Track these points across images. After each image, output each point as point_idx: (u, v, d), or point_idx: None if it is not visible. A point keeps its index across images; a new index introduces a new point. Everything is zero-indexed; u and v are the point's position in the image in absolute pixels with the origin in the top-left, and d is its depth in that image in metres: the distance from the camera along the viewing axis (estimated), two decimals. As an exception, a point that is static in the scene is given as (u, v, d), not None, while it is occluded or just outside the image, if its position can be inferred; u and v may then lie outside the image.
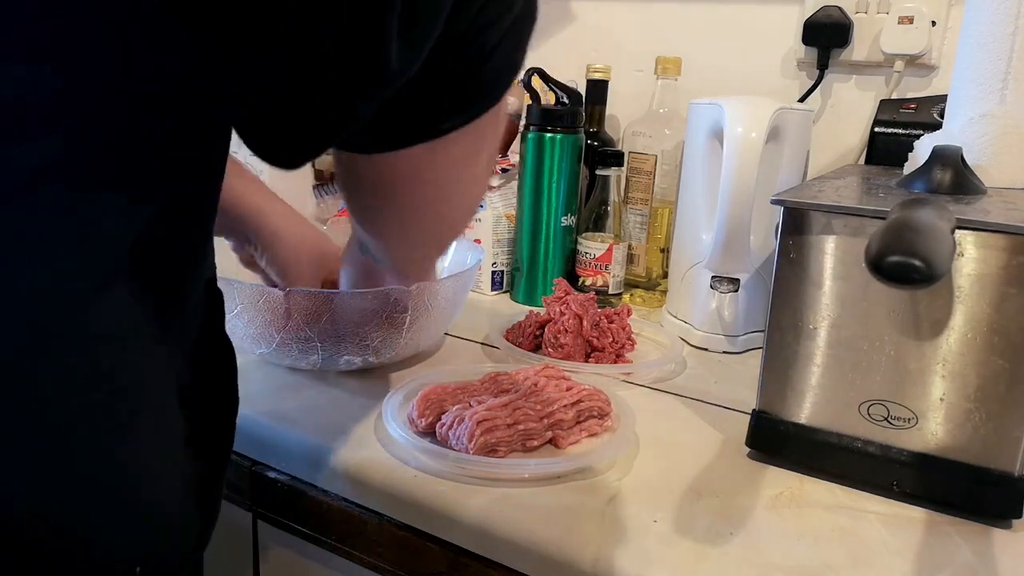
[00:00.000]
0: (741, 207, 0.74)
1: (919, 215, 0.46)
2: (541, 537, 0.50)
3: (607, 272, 0.93)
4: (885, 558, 0.49)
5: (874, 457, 0.55)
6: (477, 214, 0.97)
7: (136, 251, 0.34)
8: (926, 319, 0.52)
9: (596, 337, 0.77)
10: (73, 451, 0.33)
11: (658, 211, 0.99)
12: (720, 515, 0.52)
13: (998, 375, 0.51)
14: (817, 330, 0.56)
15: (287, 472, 0.62)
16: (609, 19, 1.14)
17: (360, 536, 0.58)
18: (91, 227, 0.33)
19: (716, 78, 1.04)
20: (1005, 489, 0.52)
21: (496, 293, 1.00)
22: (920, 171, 0.61)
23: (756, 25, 1.03)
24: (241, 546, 0.68)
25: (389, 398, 0.63)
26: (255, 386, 0.69)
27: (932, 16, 0.90)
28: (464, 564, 0.53)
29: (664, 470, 0.58)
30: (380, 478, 0.56)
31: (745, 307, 0.82)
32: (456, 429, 0.57)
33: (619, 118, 1.12)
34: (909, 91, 0.94)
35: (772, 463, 0.59)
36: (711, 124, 0.80)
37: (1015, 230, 0.49)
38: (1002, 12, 0.61)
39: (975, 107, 0.62)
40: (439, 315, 0.72)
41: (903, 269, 0.41)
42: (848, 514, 0.53)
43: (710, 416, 0.67)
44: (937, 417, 0.53)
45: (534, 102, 0.95)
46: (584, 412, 0.61)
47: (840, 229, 0.54)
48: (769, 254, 0.79)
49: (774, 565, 0.48)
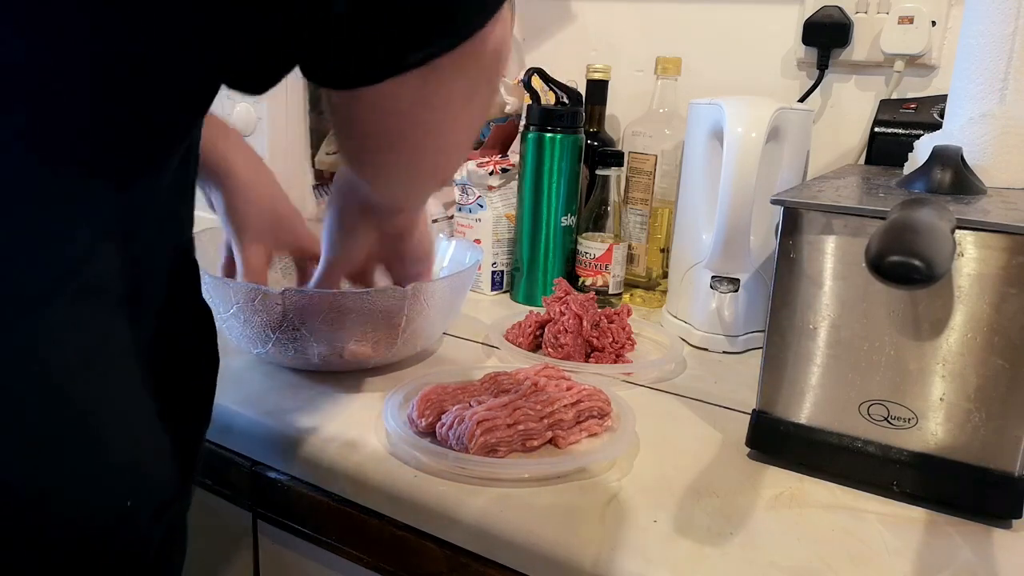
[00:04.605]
0: (741, 207, 0.74)
1: (919, 215, 0.46)
2: (541, 537, 0.50)
3: (607, 272, 0.93)
4: (885, 558, 0.49)
5: (874, 457, 0.55)
6: (477, 214, 0.98)
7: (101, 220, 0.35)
8: (926, 319, 0.52)
9: (596, 337, 0.77)
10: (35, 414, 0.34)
11: (658, 211, 0.99)
12: (720, 515, 0.52)
13: (998, 375, 0.51)
14: (817, 330, 0.56)
15: (287, 472, 0.62)
16: (609, 19, 1.14)
17: (360, 536, 0.58)
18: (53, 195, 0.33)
19: (716, 78, 1.04)
20: (1005, 489, 0.52)
21: (496, 293, 1.00)
22: (920, 171, 0.61)
23: (756, 25, 1.02)
24: (241, 546, 0.68)
25: (389, 398, 0.63)
26: (255, 386, 0.69)
27: (932, 16, 0.90)
28: (464, 564, 0.53)
29: (664, 470, 0.58)
30: (380, 478, 0.56)
31: (745, 307, 0.82)
32: (456, 429, 0.57)
33: (619, 118, 1.12)
34: (909, 91, 0.94)
35: (772, 463, 0.59)
36: (711, 124, 0.80)
37: (1015, 230, 0.49)
38: (1002, 12, 0.61)
39: (975, 107, 0.62)
40: (437, 315, 0.71)
41: (903, 269, 0.41)
42: (848, 514, 0.53)
43: (710, 416, 0.67)
44: (937, 417, 0.53)
45: (534, 102, 0.95)
46: (584, 412, 0.61)
47: (840, 229, 0.54)
48: (769, 254, 0.79)
49: (774, 565, 0.47)
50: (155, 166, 0.37)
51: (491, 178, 0.97)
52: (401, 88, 0.41)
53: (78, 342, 0.35)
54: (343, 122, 0.48)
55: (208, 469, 0.67)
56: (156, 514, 0.41)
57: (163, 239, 0.41)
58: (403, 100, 0.43)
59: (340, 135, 0.49)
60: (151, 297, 0.40)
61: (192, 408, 0.46)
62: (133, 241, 0.37)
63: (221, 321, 0.68)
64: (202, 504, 0.68)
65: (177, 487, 0.43)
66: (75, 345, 0.35)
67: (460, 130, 0.49)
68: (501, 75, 0.49)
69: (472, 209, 0.98)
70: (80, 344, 0.35)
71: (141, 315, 0.39)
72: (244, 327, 0.67)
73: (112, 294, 0.37)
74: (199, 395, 0.47)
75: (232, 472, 0.65)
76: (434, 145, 0.49)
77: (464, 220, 0.99)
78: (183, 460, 0.43)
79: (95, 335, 0.36)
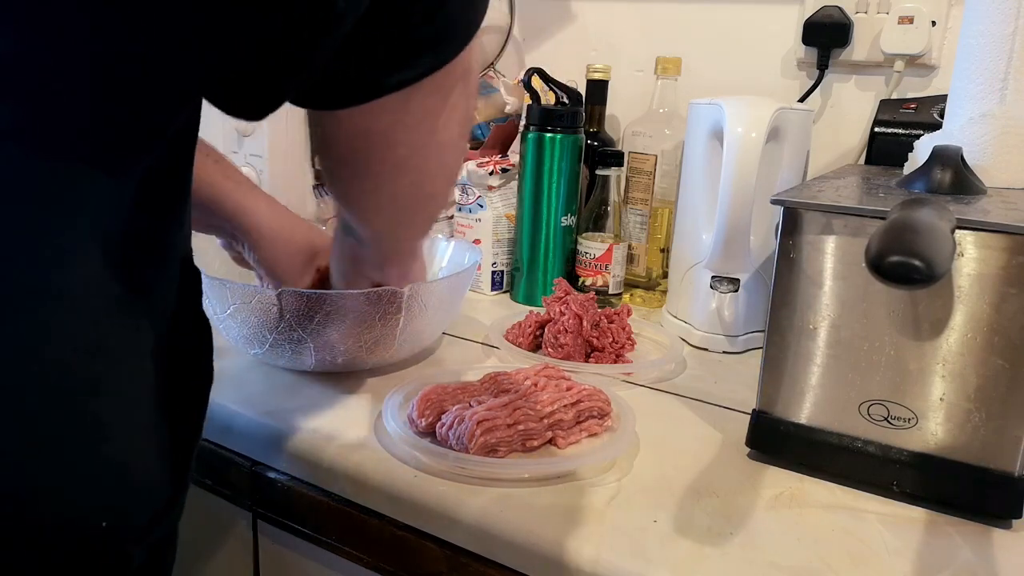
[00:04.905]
0: (741, 207, 0.74)
1: (919, 215, 0.46)
2: (541, 537, 0.50)
3: (607, 272, 0.93)
4: (885, 558, 0.49)
5: (874, 457, 0.55)
6: (477, 214, 0.98)
7: (98, 219, 0.35)
8: (926, 319, 0.52)
9: (596, 337, 0.77)
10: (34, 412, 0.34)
11: (658, 211, 0.99)
12: (720, 515, 0.52)
13: (998, 375, 0.51)
14: (817, 330, 0.56)
15: (287, 472, 0.62)
16: (609, 19, 1.14)
17: (360, 536, 0.58)
18: (49, 192, 0.33)
19: (716, 78, 1.04)
20: (1005, 489, 0.52)
21: (496, 293, 1.00)
22: (920, 171, 0.61)
23: (756, 25, 1.02)
24: (241, 546, 0.68)
25: (389, 398, 0.63)
26: (255, 386, 0.69)
27: (932, 16, 0.90)
28: (464, 564, 0.53)
29: (664, 470, 0.58)
30: (380, 478, 0.56)
31: (745, 307, 0.82)
32: (456, 429, 0.57)
33: (619, 118, 1.12)
34: (909, 91, 0.94)
35: (772, 463, 0.59)
36: (711, 124, 0.80)
37: (1015, 230, 0.49)
38: (1002, 12, 0.61)
39: (975, 107, 0.62)
40: (435, 316, 0.71)
41: (903, 269, 0.41)
42: (848, 514, 0.53)
43: (710, 416, 0.67)
44: (937, 417, 0.53)
45: (534, 102, 0.95)
46: (584, 412, 0.61)
47: (840, 229, 0.54)
48: (769, 254, 0.79)
49: (774, 565, 0.47)
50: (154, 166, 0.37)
51: (491, 178, 0.97)
52: (380, 109, 0.41)
53: (78, 342, 0.35)
54: (322, 142, 0.48)
55: (208, 469, 0.67)
56: (153, 517, 0.41)
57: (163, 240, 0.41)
58: (381, 121, 0.43)
59: (321, 155, 0.50)
60: (151, 299, 0.40)
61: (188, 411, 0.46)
62: (133, 241, 0.37)
63: (218, 322, 0.68)
64: (202, 504, 0.68)
65: (168, 498, 0.43)
66: (75, 345, 0.35)
67: (439, 152, 0.49)
68: (475, 91, 0.48)
69: (472, 209, 0.98)
70: (80, 344, 0.35)
71: (141, 316, 0.39)
72: (241, 328, 0.67)
73: (111, 294, 0.37)
74: (195, 399, 0.47)
75: (232, 472, 0.65)
76: (413, 166, 0.48)
77: (464, 220, 0.99)
78: (178, 464, 0.43)
79: (95, 335, 0.36)
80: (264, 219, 0.68)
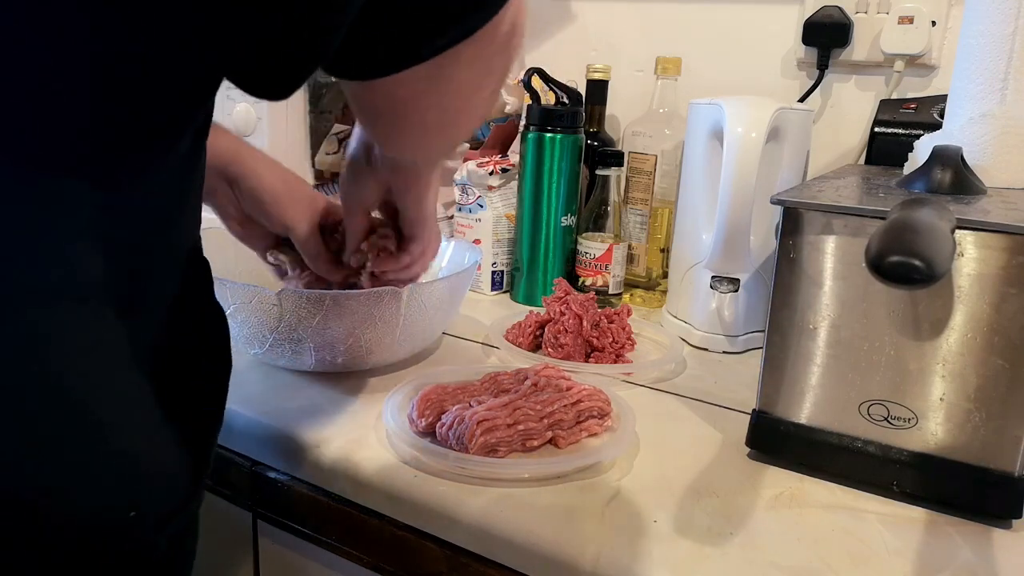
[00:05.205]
0: (741, 207, 0.74)
1: (919, 215, 0.46)
2: (541, 537, 0.50)
3: (607, 272, 0.93)
4: (885, 558, 0.49)
5: (874, 457, 0.55)
6: (477, 214, 0.98)
7: (98, 219, 0.35)
8: (926, 319, 0.52)
9: (596, 337, 0.77)
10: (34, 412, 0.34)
11: (658, 211, 0.99)
12: (720, 515, 0.52)
13: (998, 375, 0.51)
14: (817, 330, 0.56)
15: (287, 472, 0.62)
16: (609, 19, 1.14)
17: (360, 536, 0.59)
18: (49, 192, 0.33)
19: (716, 78, 1.04)
20: (1005, 489, 0.52)
21: (496, 293, 1.00)
22: (920, 171, 0.61)
23: (756, 25, 1.03)
24: (241, 546, 0.68)
25: (389, 398, 0.63)
26: (255, 386, 0.69)
27: (932, 16, 0.90)
28: (464, 564, 0.53)
29: (664, 470, 0.58)
30: (380, 478, 0.56)
31: (745, 307, 0.82)
32: (456, 429, 0.57)
33: (619, 118, 1.12)
34: (909, 91, 0.94)
35: (772, 463, 0.59)
36: (711, 124, 0.80)
37: (1015, 230, 0.49)
38: (1002, 12, 0.61)
39: (975, 107, 0.62)
40: (435, 316, 0.71)
41: (903, 269, 0.41)
42: (848, 514, 0.53)
43: (710, 416, 0.67)
44: (937, 417, 0.53)
45: (534, 102, 0.95)
46: (584, 412, 0.61)
47: (840, 229, 0.54)
48: (769, 254, 0.80)
49: (774, 565, 0.48)
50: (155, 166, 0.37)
51: (491, 178, 0.97)
52: (414, 75, 0.41)
53: (78, 341, 0.35)
54: (353, 101, 0.48)
55: (208, 469, 0.67)
56: (163, 515, 0.41)
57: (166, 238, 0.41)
58: (415, 86, 0.43)
59: (353, 108, 0.50)
60: (155, 296, 0.40)
61: (202, 408, 0.46)
62: (135, 240, 0.37)
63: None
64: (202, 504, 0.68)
65: (186, 488, 0.43)
66: (75, 344, 0.35)
67: (472, 107, 0.49)
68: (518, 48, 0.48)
69: (472, 209, 0.98)
70: (80, 343, 0.35)
71: (144, 314, 0.39)
72: (241, 327, 0.67)
73: (112, 293, 0.37)
74: (209, 395, 0.47)
75: (232, 472, 0.65)
76: (445, 121, 0.49)
77: (464, 220, 0.99)
78: (193, 460, 0.43)
79: (95, 334, 0.36)
80: (263, 162, 0.66)
